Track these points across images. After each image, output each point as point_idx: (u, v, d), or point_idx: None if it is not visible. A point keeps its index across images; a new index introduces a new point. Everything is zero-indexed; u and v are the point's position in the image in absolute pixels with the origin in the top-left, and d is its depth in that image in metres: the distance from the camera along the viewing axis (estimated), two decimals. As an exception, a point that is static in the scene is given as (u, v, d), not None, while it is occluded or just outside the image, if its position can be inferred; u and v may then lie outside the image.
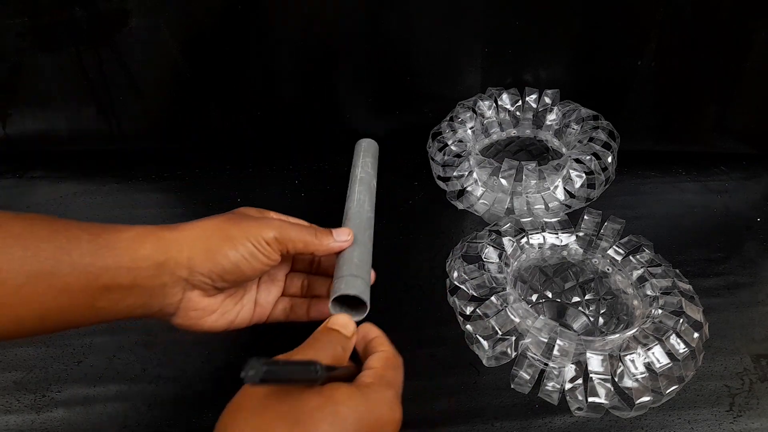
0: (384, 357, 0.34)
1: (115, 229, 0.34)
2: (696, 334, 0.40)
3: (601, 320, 0.48)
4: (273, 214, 0.42)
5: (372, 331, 0.36)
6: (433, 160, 0.60)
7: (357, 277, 0.39)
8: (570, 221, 0.49)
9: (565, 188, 0.56)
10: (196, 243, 0.35)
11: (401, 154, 0.66)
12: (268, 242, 0.37)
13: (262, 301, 0.42)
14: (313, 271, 0.45)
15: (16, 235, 0.31)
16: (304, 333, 0.47)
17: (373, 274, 0.43)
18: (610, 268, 0.48)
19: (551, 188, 0.55)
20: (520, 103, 0.62)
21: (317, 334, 0.35)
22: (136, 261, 0.33)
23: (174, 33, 0.58)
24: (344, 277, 0.39)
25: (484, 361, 0.41)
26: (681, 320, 0.40)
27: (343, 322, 0.36)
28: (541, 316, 0.40)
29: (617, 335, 0.40)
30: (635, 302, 0.45)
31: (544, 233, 0.49)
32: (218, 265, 0.35)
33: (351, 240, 0.42)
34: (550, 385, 0.40)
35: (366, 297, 0.38)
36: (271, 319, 0.43)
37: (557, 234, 0.49)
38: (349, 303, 0.39)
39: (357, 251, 0.41)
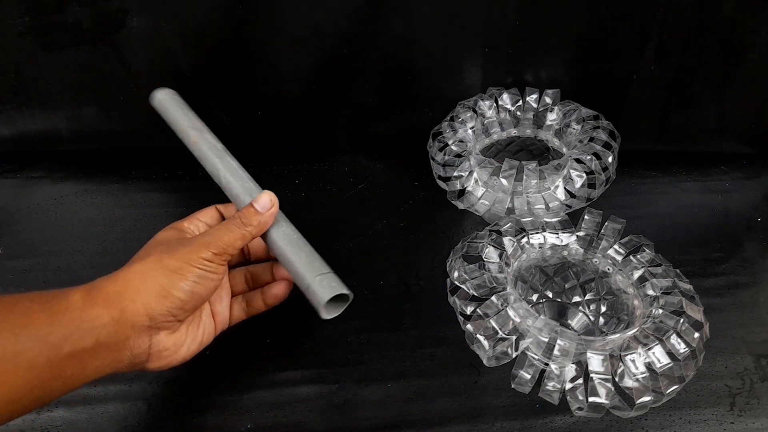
0: None
1: (64, 294, 0.33)
2: (696, 334, 0.40)
3: (601, 320, 0.48)
4: (187, 223, 0.42)
5: None
6: (433, 160, 0.60)
7: (325, 273, 0.39)
8: (570, 221, 0.49)
9: (565, 188, 0.56)
10: (144, 287, 0.34)
11: (401, 154, 0.66)
12: (209, 260, 0.36)
13: (219, 310, 0.42)
14: (246, 259, 0.46)
15: None
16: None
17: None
18: (610, 268, 0.48)
19: (552, 188, 0.55)
20: (520, 102, 0.62)
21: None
22: (93, 321, 0.32)
23: (174, 33, 0.58)
24: (320, 277, 0.39)
25: (485, 361, 0.41)
26: (681, 320, 0.40)
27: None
28: (541, 316, 0.40)
29: (618, 335, 0.40)
30: (636, 302, 0.45)
31: (544, 233, 0.49)
32: (175, 299, 0.35)
33: (276, 204, 0.41)
34: (550, 385, 0.40)
35: (344, 289, 0.39)
36: (234, 322, 0.43)
37: (558, 234, 0.49)
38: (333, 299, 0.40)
39: (307, 246, 0.41)
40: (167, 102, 0.48)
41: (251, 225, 0.39)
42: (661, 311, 0.42)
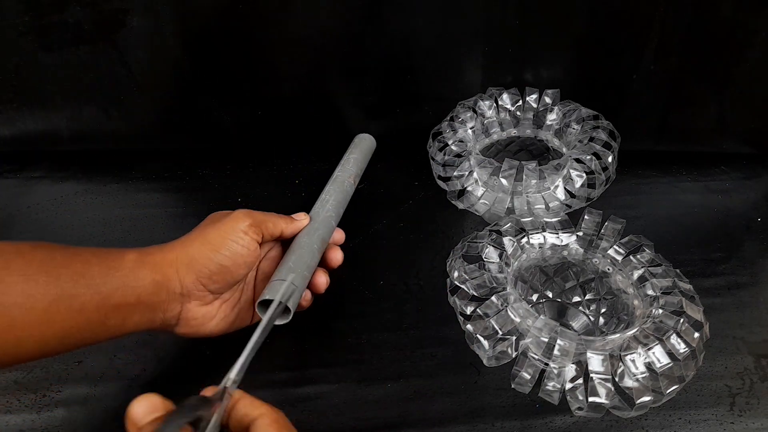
0: (273, 420, 0.30)
1: (119, 253, 0.37)
2: (696, 334, 0.40)
3: (601, 320, 0.48)
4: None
5: (242, 405, 0.32)
6: (433, 159, 0.60)
7: (283, 281, 0.40)
8: (570, 221, 0.49)
9: (565, 188, 0.56)
10: (180, 256, 0.38)
11: (401, 154, 0.66)
12: (245, 232, 0.40)
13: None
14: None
15: (39, 262, 0.33)
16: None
17: (339, 255, 0.46)
18: (610, 268, 0.48)
19: (552, 188, 0.55)
20: (520, 102, 0.62)
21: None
22: (138, 281, 0.36)
23: (174, 33, 0.58)
24: (272, 282, 0.40)
25: (485, 361, 0.41)
26: (681, 320, 0.40)
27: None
28: (541, 316, 0.40)
29: (618, 335, 0.40)
30: (636, 302, 0.45)
31: (544, 233, 0.49)
32: (203, 269, 0.38)
33: (305, 220, 0.46)
34: (550, 385, 0.40)
35: (291, 303, 0.39)
36: None
37: (558, 234, 0.49)
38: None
39: (295, 254, 0.43)
40: (355, 144, 0.59)
41: (284, 221, 0.44)
42: (661, 311, 0.42)
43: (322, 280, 0.44)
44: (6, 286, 0.32)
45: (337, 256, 0.46)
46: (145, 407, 0.29)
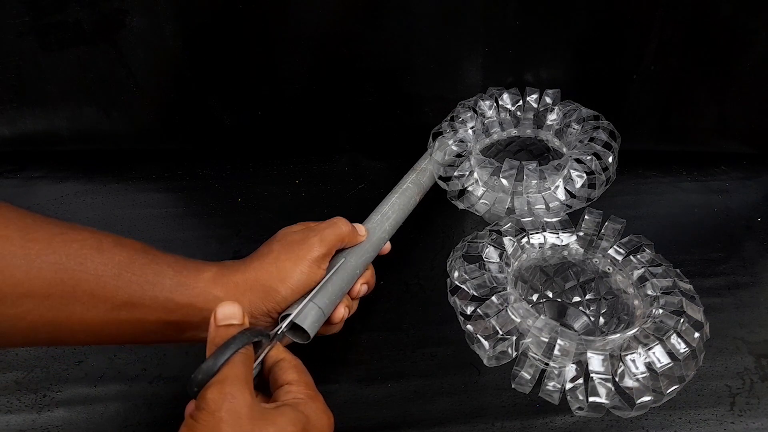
0: (293, 366, 0.34)
1: (196, 268, 0.37)
2: (697, 334, 0.40)
3: (601, 320, 0.48)
4: (312, 224, 0.44)
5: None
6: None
7: (321, 310, 0.39)
8: (570, 221, 0.49)
9: (565, 188, 0.56)
10: (255, 285, 0.38)
11: (401, 154, 0.66)
12: (317, 264, 0.40)
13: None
14: None
15: (116, 264, 0.33)
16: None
17: (363, 288, 0.44)
18: (610, 268, 0.48)
19: (552, 188, 0.55)
20: (520, 102, 0.62)
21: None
22: (208, 302, 0.35)
23: (174, 33, 0.58)
24: (310, 305, 0.39)
25: (485, 361, 0.41)
26: (682, 320, 0.40)
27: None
28: (541, 316, 0.40)
29: (618, 335, 0.40)
30: (636, 302, 0.45)
31: (544, 233, 0.49)
32: (276, 305, 0.38)
33: (364, 234, 0.45)
34: (550, 385, 0.40)
35: (311, 329, 0.39)
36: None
37: (558, 234, 0.49)
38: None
39: (338, 275, 0.41)
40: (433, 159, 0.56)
41: (347, 233, 0.43)
42: (661, 311, 0.42)
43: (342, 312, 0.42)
44: (76, 283, 0.32)
45: (361, 290, 0.45)
46: (229, 312, 0.32)
